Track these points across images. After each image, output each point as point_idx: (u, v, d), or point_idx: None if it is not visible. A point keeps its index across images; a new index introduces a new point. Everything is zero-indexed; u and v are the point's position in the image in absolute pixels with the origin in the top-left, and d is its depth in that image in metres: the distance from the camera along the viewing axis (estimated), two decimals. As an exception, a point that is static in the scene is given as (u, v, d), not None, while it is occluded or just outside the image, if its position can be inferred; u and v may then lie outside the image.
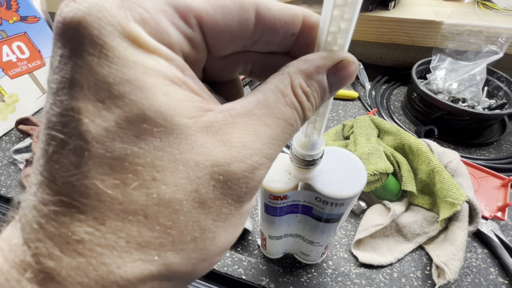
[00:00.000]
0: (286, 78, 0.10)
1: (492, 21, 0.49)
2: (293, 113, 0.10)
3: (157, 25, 0.08)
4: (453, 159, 0.35)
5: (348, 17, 0.11)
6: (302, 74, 0.10)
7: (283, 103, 0.10)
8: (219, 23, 0.09)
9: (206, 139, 0.09)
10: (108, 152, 0.08)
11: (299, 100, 0.10)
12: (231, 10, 0.09)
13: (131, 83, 0.08)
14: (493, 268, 0.32)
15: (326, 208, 0.20)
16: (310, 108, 0.11)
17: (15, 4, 0.50)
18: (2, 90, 0.51)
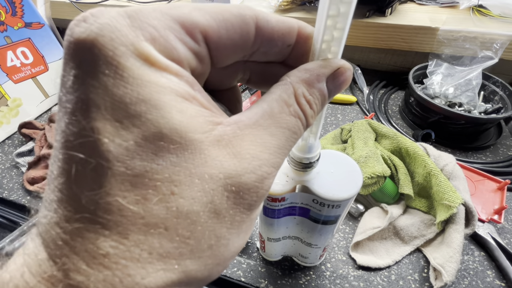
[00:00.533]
0: (289, 88, 0.11)
1: (487, 27, 0.50)
2: (297, 122, 0.11)
3: (166, 43, 0.09)
4: (449, 162, 0.36)
5: (341, 26, 0.12)
6: (304, 83, 0.11)
7: (287, 113, 0.11)
8: (223, 37, 0.10)
9: (218, 153, 0.09)
10: (129, 170, 0.08)
11: (302, 109, 0.11)
12: (233, 24, 0.10)
13: (147, 103, 0.08)
14: (490, 270, 0.33)
15: (323, 210, 0.21)
16: (313, 115, 0.12)
17: (20, 10, 0.51)
18: (5, 94, 0.51)
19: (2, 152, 0.51)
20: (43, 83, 0.57)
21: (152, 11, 0.09)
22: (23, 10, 0.51)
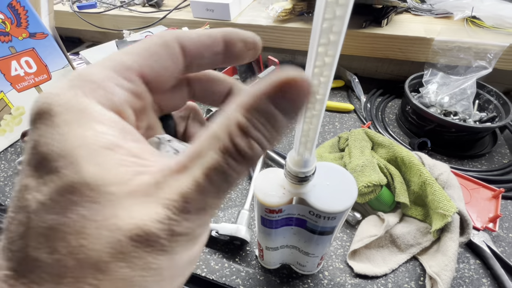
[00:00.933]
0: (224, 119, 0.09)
1: (480, 38, 0.52)
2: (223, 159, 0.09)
3: (106, 91, 0.10)
4: (443, 171, 0.36)
5: (332, 53, 0.13)
6: (241, 109, 0.09)
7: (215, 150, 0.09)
8: (155, 68, 0.12)
9: (131, 203, 0.09)
10: (43, 223, 0.09)
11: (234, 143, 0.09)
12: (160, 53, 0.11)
13: (65, 158, 0.09)
14: (485, 278, 0.33)
15: (319, 222, 0.22)
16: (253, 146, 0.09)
17: (25, 21, 0.52)
18: (9, 103, 0.52)
19: (5, 160, 0.51)
20: (46, 92, 0.58)
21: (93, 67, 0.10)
22: (27, 21, 0.52)
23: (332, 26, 0.12)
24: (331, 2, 0.11)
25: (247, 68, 0.51)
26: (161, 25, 0.68)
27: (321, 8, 0.11)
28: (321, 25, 0.12)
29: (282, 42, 0.63)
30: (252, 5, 0.71)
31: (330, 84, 0.14)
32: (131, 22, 0.73)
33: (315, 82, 0.14)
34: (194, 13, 0.67)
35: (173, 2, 0.76)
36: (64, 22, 0.79)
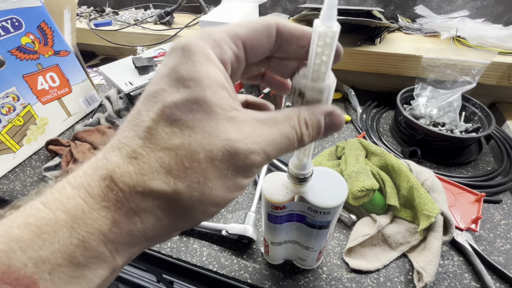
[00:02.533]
0: (297, 111, 0.16)
1: (465, 55, 0.57)
2: (292, 132, 0.15)
3: (220, 49, 0.14)
4: (428, 177, 0.40)
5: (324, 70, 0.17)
6: (308, 111, 0.16)
7: (288, 124, 0.15)
8: (254, 41, 0.15)
9: (228, 125, 0.13)
10: (171, 114, 0.13)
11: (300, 126, 0.15)
12: (261, 31, 0.15)
13: (195, 81, 0.13)
14: (467, 273, 0.37)
15: (317, 216, 0.26)
16: (307, 134, 0.15)
17: (51, 41, 0.58)
18: (35, 114, 0.57)
19: (30, 166, 0.56)
20: (66, 104, 0.63)
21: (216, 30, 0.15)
22: (53, 40, 0.58)
23: (320, 67, 0.16)
24: (319, 53, 0.16)
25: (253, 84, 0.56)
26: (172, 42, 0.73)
27: (312, 55, 0.16)
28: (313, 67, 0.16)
29: (284, 58, 0.68)
30: (256, 24, 0.76)
31: None
32: (144, 39, 0.79)
33: None
34: (203, 32, 0.72)
35: (183, 21, 0.82)
36: (81, 38, 0.84)
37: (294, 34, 0.16)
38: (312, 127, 0.16)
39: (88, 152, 0.51)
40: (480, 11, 0.64)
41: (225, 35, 0.14)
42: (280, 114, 0.15)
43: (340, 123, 0.16)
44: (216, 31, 0.15)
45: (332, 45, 0.15)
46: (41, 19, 0.55)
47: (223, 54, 0.14)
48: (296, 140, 0.15)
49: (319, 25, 0.14)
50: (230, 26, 0.15)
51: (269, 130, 0.14)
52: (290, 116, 0.15)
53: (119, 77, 0.60)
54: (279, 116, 0.15)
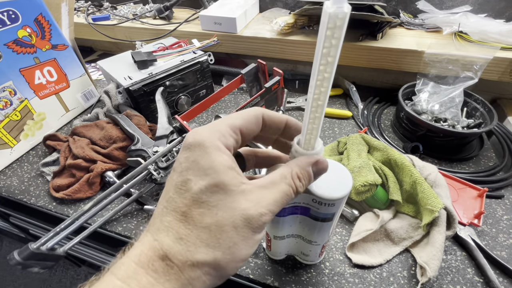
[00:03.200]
0: (289, 169, 0.20)
1: (467, 51, 0.56)
2: (288, 189, 0.19)
3: (225, 138, 0.18)
4: (432, 171, 0.40)
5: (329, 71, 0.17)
6: (297, 166, 0.20)
7: (284, 183, 0.19)
8: (248, 128, 0.20)
9: (241, 198, 0.17)
10: (199, 199, 0.17)
11: (294, 181, 0.19)
12: (252, 121, 0.20)
13: (213, 169, 0.17)
14: (470, 268, 0.37)
15: (321, 208, 0.25)
16: (301, 185, 0.20)
17: (48, 34, 0.57)
18: (32, 109, 0.56)
19: (28, 162, 0.55)
20: (64, 99, 0.62)
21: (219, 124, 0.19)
22: (51, 33, 0.57)
23: (329, 51, 0.16)
24: (329, 36, 0.15)
25: (254, 78, 0.55)
26: (171, 36, 0.73)
27: (321, 39, 0.15)
28: (322, 50, 0.16)
29: (285, 53, 0.68)
30: (257, 19, 0.76)
31: (328, 93, 0.18)
32: (143, 34, 0.78)
33: (317, 91, 0.18)
34: (203, 26, 0.71)
35: (183, 15, 0.81)
36: (78, 32, 0.83)
37: (274, 121, 0.21)
38: (304, 179, 0.20)
39: (87, 147, 0.50)
40: (482, 6, 0.63)
41: (227, 127, 0.19)
42: (276, 176, 0.19)
43: (325, 168, 0.21)
44: (220, 125, 0.19)
45: (343, 27, 0.15)
46: (38, 11, 0.54)
47: (227, 142, 0.19)
48: (292, 193, 0.19)
49: (329, 6, 0.14)
50: (230, 119, 0.20)
51: (270, 192, 0.18)
52: (284, 175, 0.19)
53: (118, 71, 0.59)
54: (276, 178, 0.19)
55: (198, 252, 0.16)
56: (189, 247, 0.16)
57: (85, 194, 0.47)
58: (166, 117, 0.51)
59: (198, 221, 0.17)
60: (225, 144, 0.18)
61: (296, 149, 0.21)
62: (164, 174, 0.44)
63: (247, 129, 0.20)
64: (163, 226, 0.17)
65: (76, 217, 0.39)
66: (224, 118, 0.20)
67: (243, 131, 0.20)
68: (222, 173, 0.17)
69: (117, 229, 0.43)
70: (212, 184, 0.17)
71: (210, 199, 0.17)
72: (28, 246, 0.35)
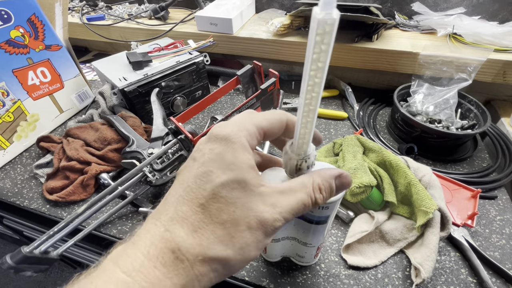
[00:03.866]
0: (310, 178, 0.19)
1: (461, 52, 0.57)
2: (307, 199, 0.19)
3: (251, 138, 0.19)
4: (426, 173, 0.41)
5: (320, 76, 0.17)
6: (319, 177, 0.20)
7: (303, 192, 0.19)
8: (272, 131, 0.20)
9: (258, 199, 0.18)
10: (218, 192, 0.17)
11: (314, 192, 0.19)
12: (276, 124, 0.20)
13: (236, 165, 0.17)
14: (464, 269, 0.37)
15: (315, 211, 0.25)
16: (321, 198, 0.19)
17: (42, 34, 0.56)
18: (25, 110, 0.56)
19: (21, 164, 0.54)
20: (58, 99, 0.62)
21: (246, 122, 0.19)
22: (44, 34, 0.56)
23: (319, 57, 0.16)
24: (318, 42, 0.15)
25: (250, 80, 0.55)
26: (167, 37, 0.72)
27: (311, 44, 0.15)
28: (312, 56, 0.16)
29: (281, 54, 0.68)
30: (253, 20, 0.75)
31: (320, 98, 0.18)
32: (138, 34, 0.77)
33: (308, 96, 0.18)
34: (199, 27, 0.71)
35: (179, 16, 0.80)
36: (73, 32, 0.83)
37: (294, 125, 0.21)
38: (325, 191, 0.19)
39: (81, 148, 0.49)
40: (476, 8, 0.64)
41: (255, 127, 0.19)
42: (297, 183, 0.19)
43: (349, 183, 0.21)
44: (248, 123, 0.19)
45: (332, 33, 0.15)
46: (31, 12, 0.53)
47: (252, 141, 0.19)
48: (310, 204, 0.19)
49: (318, 12, 0.14)
50: (258, 119, 0.20)
51: (288, 199, 0.18)
52: (305, 184, 0.19)
53: (113, 72, 0.59)
54: (296, 186, 0.19)
55: (211, 247, 0.16)
56: (203, 241, 0.16)
57: (79, 197, 0.46)
58: (161, 119, 0.51)
59: (215, 216, 0.16)
60: (250, 143, 0.18)
61: (288, 153, 0.21)
62: (159, 176, 0.43)
63: (270, 132, 0.20)
64: (178, 216, 0.17)
65: (69, 220, 0.39)
66: (251, 116, 0.20)
67: (267, 133, 0.20)
68: (245, 171, 0.17)
69: (111, 231, 0.43)
70: (234, 180, 0.17)
71: (229, 195, 0.17)
72: (21, 249, 0.35)
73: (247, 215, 0.17)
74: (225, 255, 0.16)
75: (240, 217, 0.17)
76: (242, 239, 0.17)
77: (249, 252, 0.17)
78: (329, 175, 0.20)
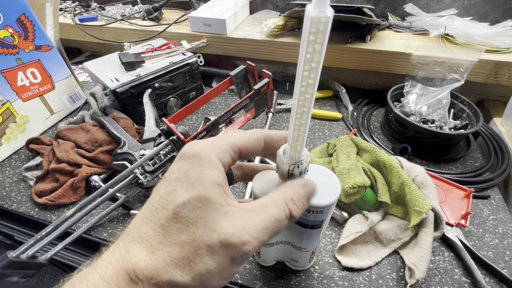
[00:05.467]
0: (280, 191, 0.19)
1: (453, 53, 0.57)
2: (280, 213, 0.17)
3: (223, 155, 0.18)
4: (419, 173, 0.40)
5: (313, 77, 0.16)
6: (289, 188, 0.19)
7: (275, 207, 0.18)
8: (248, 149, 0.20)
9: (223, 219, 0.16)
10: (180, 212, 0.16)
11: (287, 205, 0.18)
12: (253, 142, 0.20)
13: (200, 183, 0.16)
14: (458, 269, 0.37)
15: (309, 216, 0.25)
16: (296, 209, 0.18)
17: (32, 35, 0.55)
18: (14, 112, 0.55)
19: (10, 166, 0.53)
20: (49, 101, 0.61)
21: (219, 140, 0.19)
22: (34, 34, 0.55)
23: (313, 57, 0.15)
24: (312, 41, 0.15)
25: (243, 80, 0.55)
26: (161, 38, 0.72)
27: (304, 44, 0.15)
28: (305, 56, 0.15)
29: (275, 55, 0.68)
30: (247, 20, 0.75)
31: (313, 99, 0.17)
32: (131, 35, 0.76)
33: (302, 98, 0.17)
34: (193, 27, 0.71)
35: (172, 16, 0.80)
36: (65, 33, 0.82)
37: (274, 139, 0.21)
38: (299, 201, 0.19)
39: (71, 150, 0.48)
40: (467, 9, 0.65)
41: (228, 145, 0.19)
42: (267, 199, 0.18)
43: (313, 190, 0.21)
44: (220, 141, 0.19)
45: (326, 32, 0.14)
46: (20, 11, 0.53)
47: (224, 159, 0.18)
48: (285, 219, 0.18)
49: (311, 10, 0.13)
50: (231, 138, 0.19)
51: (259, 217, 0.17)
52: (275, 199, 0.18)
53: (105, 73, 0.58)
54: (267, 202, 0.18)
55: (166, 271, 0.15)
56: (159, 263, 0.15)
57: (69, 199, 0.46)
58: (153, 120, 0.50)
59: (174, 237, 0.15)
60: (221, 160, 0.18)
61: (281, 158, 0.20)
62: (151, 178, 0.43)
63: (247, 149, 0.20)
64: (138, 236, 0.16)
65: (58, 223, 0.38)
66: (226, 135, 0.20)
67: (243, 151, 0.20)
68: (209, 188, 0.16)
69: (102, 234, 0.42)
70: (196, 198, 0.16)
71: (190, 215, 0.16)
72: (7, 254, 0.34)
73: (208, 237, 0.15)
74: (180, 280, 0.15)
75: (200, 238, 0.15)
76: (201, 264, 0.15)
77: (210, 280, 0.16)
78: (297, 185, 0.19)
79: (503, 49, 0.57)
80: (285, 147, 0.21)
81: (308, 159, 0.21)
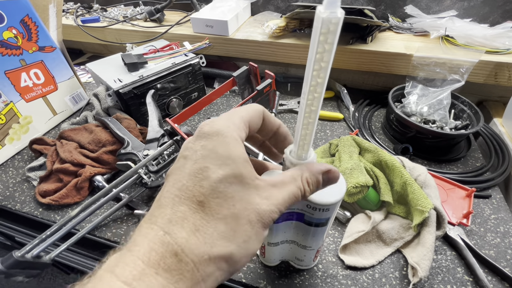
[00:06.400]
0: (300, 171, 0.20)
1: (454, 54, 0.58)
2: (297, 191, 0.19)
3: (240, 131, 0.19)
4: (421, 172, 0.41)
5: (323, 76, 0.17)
6: (308, 171, 0.20)
7: (293, 185, 0.19)
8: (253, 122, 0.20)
9: (255, 193, 0.18)
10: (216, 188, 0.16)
11: (303, 185, 0.20)
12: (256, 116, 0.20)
13: (230, 159, 0.17)
14: (460, 267, 0.37)
15: (315, 214, 0.25)
16: (309, 190, 0.20)
17: (35, 36, 0.55)
18: (18, 112, 0.55)
19: (13, 167, 0.53)
20: (52, 102, 0.61)
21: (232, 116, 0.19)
22: (38, 35, 0.56)
23: (322, 57, 0.16)
24: (322, 41, 0.15)
25: (246, 81, 0.55)
26: (163, 39, 0.72)
27: (314, 44, 0.15)
28: (315, 56, 0.16)
29: (277, 56, 0.68)
30: (249, 22, 0.76)
31: (322, 98, 0.18)
32: (133, 36, 0.77)
33: (310, 97, 0.18)
34: (194, 29, 0.71)
35: (174, 18, 0.80)
36: (67, 34, 0.82)
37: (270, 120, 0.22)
38: (312, 184, 0.20)
39: (75, 151, 0.49)
40: (467, 11, 0.65)
41: (241, 121, 0.19)
42: (287, 176, 0.20)
43: (336, 178, 0.21)
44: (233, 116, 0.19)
45: (336, 32, 0.15)
46: (24, 13, 0.53)
47: (241, 134, 0.19)
48: (300, 196, 0.19)
49: (322, 11, 0.14)
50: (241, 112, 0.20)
51: (280, 192, 0.19)
52: (295, 178, 0.20)
53: (108, 74, 0.58)
54: (287, 179, 0.19)
55: (215, 245, 0.16)
56: (206, 239, 0.16)
57: (73, 200, 0.46)
58: (157, 120, 0.50)
59: (216, 212, 0.16)
60: (241, 137, 0.18)
61: (288, 158, 0.21)
62: (155, 178, 0.43)
63: (253, 123, 0.20)
64: (176, 217, 0.16)
65: (62, 223, 0.38)
66: (234, 111, 0.20)
67: (250, 124, 0.20)
68: (241, 165, 0.17)
69: (106, 234, 0.42)
70: (231, 174, 0.17)
71: (227, 190, 0.17)
72: (12, 254, 0.34)
73: (246, 208, 0.17)
74: (229, 250, 0.16)
75: (240, 211, 0.17)
76: (244, 232, 0.17)
77: (252, 245, 0.17)
78: (316, 170, 0.20)
79: (503, 50, 0.58)
80: (291, 147, 0.21)
81: (314, 158, 0.21)
